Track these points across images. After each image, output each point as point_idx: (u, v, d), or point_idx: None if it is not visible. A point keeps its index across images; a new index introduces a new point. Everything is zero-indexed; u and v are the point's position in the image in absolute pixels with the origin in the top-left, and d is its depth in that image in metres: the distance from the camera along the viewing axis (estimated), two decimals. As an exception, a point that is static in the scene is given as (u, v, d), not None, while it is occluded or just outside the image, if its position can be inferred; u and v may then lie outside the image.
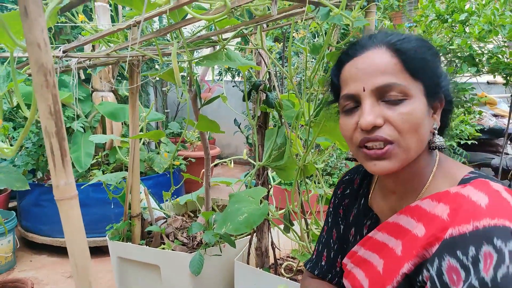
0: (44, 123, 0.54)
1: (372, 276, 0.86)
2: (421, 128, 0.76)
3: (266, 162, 1.60)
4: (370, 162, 0.78)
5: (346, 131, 0.82)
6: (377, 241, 0.87)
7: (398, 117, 0.74)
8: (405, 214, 0.82)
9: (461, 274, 0.65)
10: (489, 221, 0.65)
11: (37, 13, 0.51)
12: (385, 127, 0.75)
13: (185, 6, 0.91)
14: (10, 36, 0.62)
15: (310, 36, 3.13)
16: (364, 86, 0.77)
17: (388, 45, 0.78)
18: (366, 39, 0.82)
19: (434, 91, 0.79)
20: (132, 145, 1.98)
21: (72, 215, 0.57)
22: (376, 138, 0.75)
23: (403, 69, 0.76)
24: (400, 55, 0.76)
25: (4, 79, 0.87)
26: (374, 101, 0.76)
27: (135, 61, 1.76)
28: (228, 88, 5.06)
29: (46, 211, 3.13)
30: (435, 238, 0.72)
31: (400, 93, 0.74)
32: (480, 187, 0.72)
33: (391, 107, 0.75)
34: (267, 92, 1.58)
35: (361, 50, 0.80)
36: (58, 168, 0.55)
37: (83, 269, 0.57)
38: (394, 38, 0.79)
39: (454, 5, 2.23)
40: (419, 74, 0.76)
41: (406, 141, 0.75)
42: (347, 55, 0.83)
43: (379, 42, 0.79)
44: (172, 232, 2.08)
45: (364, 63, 0.78)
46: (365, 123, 0.75)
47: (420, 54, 0.77)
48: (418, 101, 0.76)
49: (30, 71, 0.54)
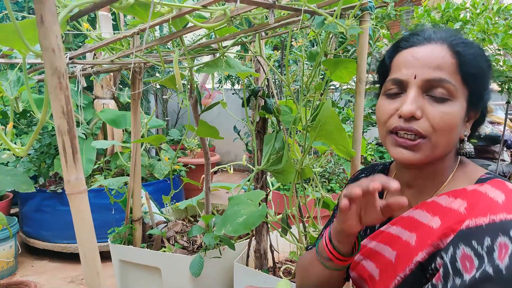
0: (57, 122, 0.58)
1: (383, 265, 0.88)
2: (454, 131, 0.78)
3: (264, 166, 1.64)
4: (397, 149, 0.81)
5: (383, 114, 0.84)
6: (390, 234, 0.89)
7: (437, 114, 0.76)
8: (421, 209, 0.84)
9: (475, 262, 0.67)
10: (505, 216, 0.68)
11: (52, 21, 0.56)
12: (422, 121, 0.77)
13: (187, 15, 0.96)
14: (24, 42, 0.66)
15: (309, 45, 3.19)
16: (416, 74, 0.78)
17: (450, 45, 0.79)
18: (431, 32, 0.82)
19: (477, 101, 0.81)
20: (133, 150, 2.02)
21: (82, 208, 0.61)
22: (411, 129, 0.78)
23: (457, 71, 0.77)
24: (459, 57, 0.77)
25: (14, 83, 0.91)
26: (420, 93, 0.78)
27: (137, 68, 1.81)
28: (228, 96, 5.11)
29: (47, 217, 3.17)
30: (451, 229, 0.74)
31: (447, 92, 0.76)
32: (497, 185, 0.75)
33: (433, 104, 0.77)
34: (266, 98, 1.62)
35: (423, 41, 0.81)
36: (69, 164, 0.59)
37: (91, 259, 0.61)
38: (458, 40, 0.80)
39: (449, 14, 2.28)
40: (470, 80, 0.78)
41: (437, 139, 0.77)
42: (407, 41, 0.84)
43: (442, 39, 0.80)
44: (173, 236, 2.11)
45: (423, 53, 0.79)
46: (406, 111, 0.77)
47: (477, 62, 0.79)
48: (460, 105, 0.78)
49: (44, 75, 0.58)
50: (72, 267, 3.11)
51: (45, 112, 0.73)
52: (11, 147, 0.81)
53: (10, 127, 0.88)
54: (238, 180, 5.23)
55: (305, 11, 1.00)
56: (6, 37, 0.75)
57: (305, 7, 0.97)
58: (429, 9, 2.38)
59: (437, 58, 0.78)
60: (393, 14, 3.02)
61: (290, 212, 1.68)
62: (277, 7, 0.96)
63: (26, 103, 1.51)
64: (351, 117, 2.85)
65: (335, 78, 1.40)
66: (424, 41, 0.81)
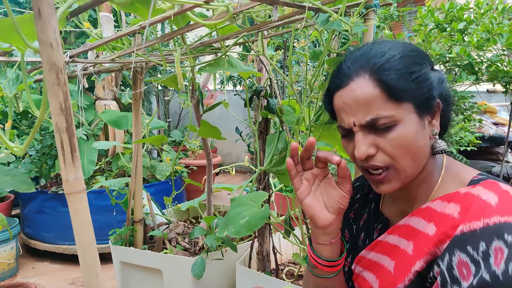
0: (55, 120, 0.56)
1: (383, 276, 0.87)
2: (413, 147, 0.76)
3: (267, 167, 1.62)
4: (374, 185, 0.83)
5: (348, 153, 0.86)
6: (388, 244, 0.88)
7: (388, 144, 0.76)
8: (416, 216, 0.83)
9: (471, 269, 0.66)
10: (499, 218, 0.67)
11: (50, 15, 0.54)
12: (378, 155, 0.78)
13: (188, 11, 0.94)
14: (22, 38, 0.65)
15: (311, 45, 3.17)
16: (354, 120, 0.78)
17: (371, 72, 0.76)
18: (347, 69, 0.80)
19: (425, 104, 0.79)
20: (135, 150, 2.00)
21: (80, 208, 0.59)
22: (372, 166, 0.79)
23: (388, 99, 0.75)
24: (383, 85, 0.75)
25: (13, 81, 0.90)
26: (366, 132, 0.78)
27: (138, 68, 1.79)
28: (229, 97, 5.10)
29: (48, 218, 3.16)
30: (446, 235, 0.73)
31: (388, 121, 0.75)
32: (489, 187, 0.74)
33: (382, 134, 0.77)
34: (268, 98, 1.61)
35: (345, 81, 0.80)
36: (67, 162, 0.58)
37: (90, 260, 0.59)
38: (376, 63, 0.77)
39: (452, 14, 2.27)
40: (405, 97, 0.76)
41: (401, 163, 0.77)
42: (334, 84, 0.83)
43: (361, 69, 0.78)
44: (174, 237, 2.09)
45: (349, 97, 0.78)
46: (359, 154, 0.78)
47: (404, 78, 0.75)
48: (408, 122, 0.76)
49: (42, 70, 0.56)
50: (73, 268, 3.10)
51: (43, 109, 0.71)
52: (9, 146, 0.80)
53: (8, 125, 0.87)
54: (240, 182, 5.21)
55: (309, 8, 0.99)
56: (3, 33, 0.73)
57: (310, 3, 0.96)
58: (432, 9, 2.36)
59: (363, 98, 0.76)
60: (396, 15, 3.01)
61: (293, 213, 1.66)
62: (281, 3, 0.95)
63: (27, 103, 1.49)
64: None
65: (338, 77, 1.38)
66: (347, 79, 0.79)
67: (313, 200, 0.89)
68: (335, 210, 0.88)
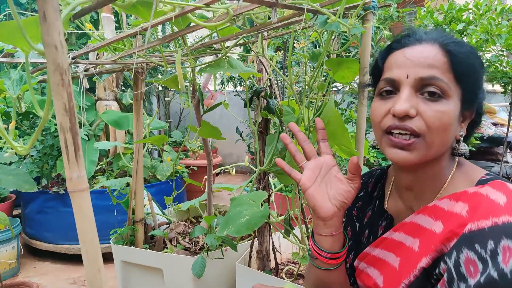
0: (59, 119, 0.58)
1: (388, 272, 0.88)
2: (449, 130, 0.77)
3: (267, 167, 1.63)
4: (392, 150, 0.80)
5: (377, 115, 0.84)
6: (394, 241, 0.89)
7: (431, 113, 0.76)
8: (422, 214, 0.83)
9: (479, 266, 0.66)
10: (508, 218, 0.68)
11: (55, 17, 0.56)
12: (416, 119, 0.77)
13: (189, 13, 0.95)
14: (26, 40, 0.66)
15: (311, 46, 3.18)
16: (408, 73, 0.78)
17: (442, 44, 0.79)
18: (422, 33, 0.83)
19: (471, 100, 0.81)
20: (136, 151, 2.02)
21: (84, 205, 0.61)
22: (405, 127, 0.77)
23: (450, 69, 0.77)
24: (451, 56, 0.77)
25: (17, 82, 0.91)
26: (413, 92, 0.78)
27: (139, 69, 1.81)
28: (230, 98, 5.11)
29: (50, 218, 3.17)
30: (454, 233, 0.74)
31: (440, 90, 0.76)
32: (498, 187, 0.74)
33: (427, 102, 0.77)
34: (268, 99, 1.62)
35: (414, 42, 0.81)
36: (71, 161, 0.59)
37: (93, 256, 0.61)
38: (449, 40, 0.80)
39: (452, 15, 2.28)
40: (463, 79, 0.78)
41: (432, 137, 0.76)
42: (398, 43, 0.84)
43: (433, 39, 0.80)
44: (175, 237, 2.11)
45: (414, 53, 0.79)
46: (399, 109, 0.76)
47: (469, 61, 0.79)
48: (453, 104, 0.77)
49: (47, 75, 0.58)
50: (74, 268, 3.11)
51: (47, 109, 0.72)
52: (13, 146, 0.81)
53: (12, 125, 0.88)
54: (240, 182, 5.22)
55: (308, 10, 1.00)
56: (8, 35, 0.75)
57: (308, 6, 0.97)
58: (432, 10, 2.37)
59: (429, 57, 0.78)
60: (396, 16, 3.02)
61: (293, 213, 1.67)
62: (280, 5, 0.96)
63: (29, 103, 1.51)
64: (354, 119, 2.85)
65: (337, 78, 1.40)
66: (415, 41, 0.81)
67: (316, 190, 0.89)
68: (338, 203, 0.88)
